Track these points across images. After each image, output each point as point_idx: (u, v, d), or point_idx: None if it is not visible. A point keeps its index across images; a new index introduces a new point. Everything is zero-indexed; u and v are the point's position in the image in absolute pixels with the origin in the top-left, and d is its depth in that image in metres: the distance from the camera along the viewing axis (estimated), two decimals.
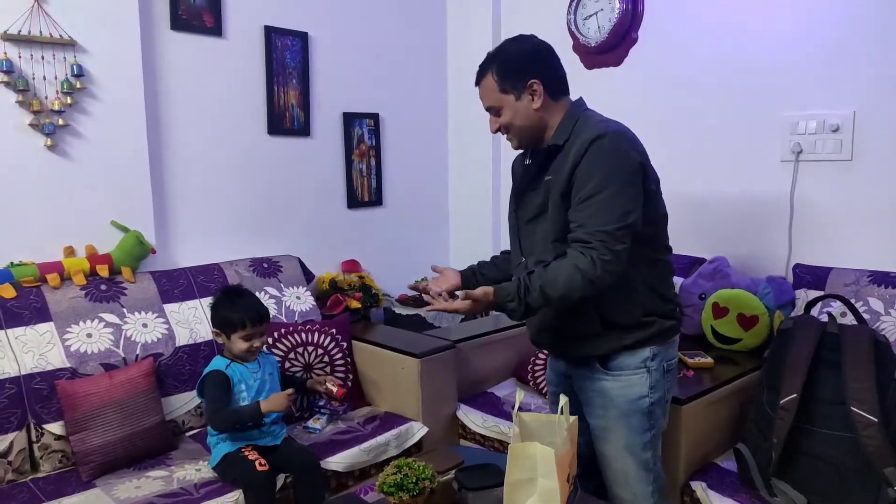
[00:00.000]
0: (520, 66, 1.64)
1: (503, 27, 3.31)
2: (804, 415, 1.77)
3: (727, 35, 2.57)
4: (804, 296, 2.27)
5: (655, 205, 1.64)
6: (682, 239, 2.70)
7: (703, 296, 2.47)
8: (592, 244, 1.50)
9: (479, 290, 1.56)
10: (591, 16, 2.90)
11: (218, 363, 2.05)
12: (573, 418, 1.60)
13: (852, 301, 2.03)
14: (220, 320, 2.05)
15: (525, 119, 1.66)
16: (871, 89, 2.25)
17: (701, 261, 2.61)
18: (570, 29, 2.98)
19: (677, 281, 2.55)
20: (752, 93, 2.52)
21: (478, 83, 1.71)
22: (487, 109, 1.71)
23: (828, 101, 2.34)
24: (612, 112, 2.84)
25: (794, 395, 1.77)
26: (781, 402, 1.79)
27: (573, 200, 1.56)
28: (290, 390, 2.01)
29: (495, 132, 1.74)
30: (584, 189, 1.53)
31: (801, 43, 2.39)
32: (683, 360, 2.22)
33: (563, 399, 1.57)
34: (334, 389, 2.17)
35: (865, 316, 2.03)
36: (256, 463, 1.91)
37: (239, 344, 2.02)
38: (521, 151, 1.81)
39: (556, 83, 1.68)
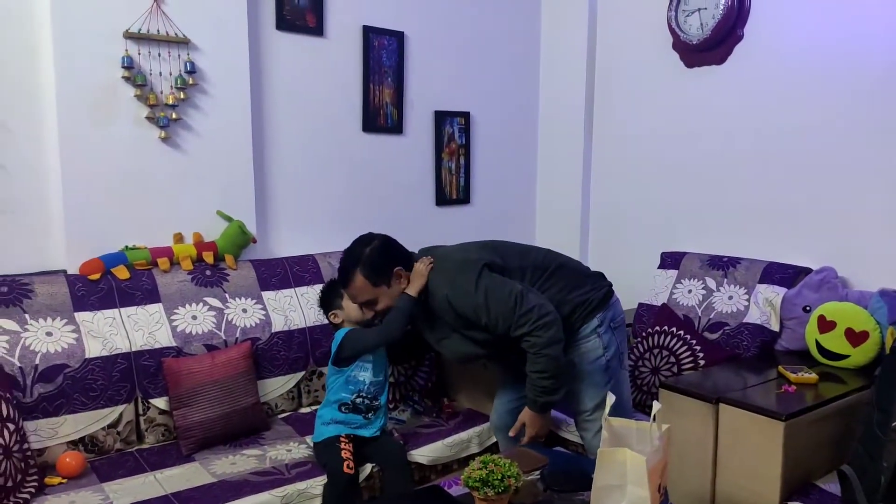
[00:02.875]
0: (382, 261, 1.96)
1: (599, 25, 3.25)
2: None
3: (843, 31, 2.42)
4: None
5: (518, 273, 1.97)
6: (787, 247, 2.58)
7: (808, 308, 2.34)
8: (525, 329, 1.84)
9: (526, 418, 1.96)
10: (693, 12, 2.81)
11: (344, 330, 2.10)
12: (666, 426, 1.55)
13: None
14: (334, 300, 2.15)
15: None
16: None
17: (807, 271, 2.47)
18: (670, 26, 2.90)
19: (780, 291, 2.43)
20: (869, 92, 2.36)
21: (346, 286, 2.01)
22: (361, 304, 2.02)
23: None
24: (714, 112, 2.81)
25: None
26: (894, 424, 1.67)
27: (484, 326, 1.90)
28: None
29: (372, 318, 2.06)
30: (482, 319, 1.88)
31: None
32: (785, 375, 2.11)
33: (657, 406, 1.53)
34: None
35: None
36: (345, 465, 1.93)
37: (354, 312, 2.09)
38: None
39: (408, 261, 2.00)
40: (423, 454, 2.16)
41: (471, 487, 1.54)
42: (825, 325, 2.25)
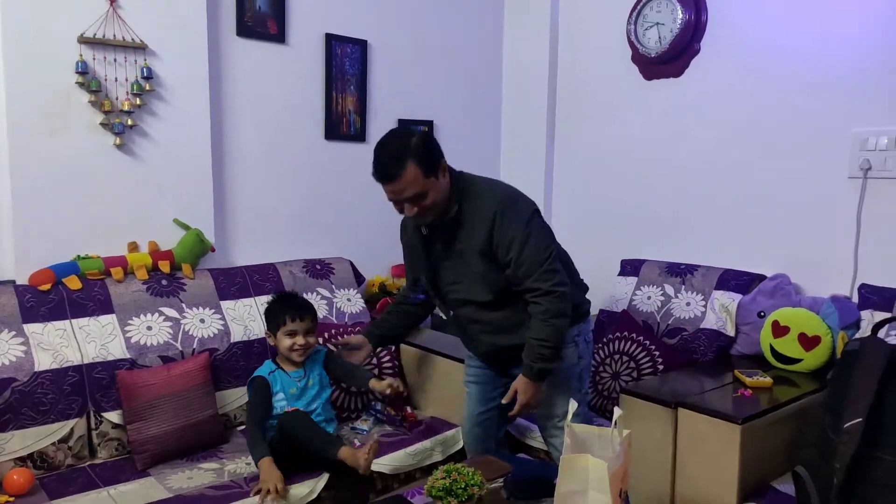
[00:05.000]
0: (431, 151, 1.85)
1: (561, 36, 3.30)
2: (869, 440, 1.69)
3: (794, 47, 2.50)
4: (870, 317, 2.18)
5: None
6: (742, 255, 2.65)
7: (763, 314, 2.39)
8: (542, 287, 1.82)
9: (519, 384, 1.90)
10: (651, 26, 2.87)
11: (264, 368, 2.13)
12: (627, 431, 1.57)
13: None
14: (267, 320, 2.14)
15: (443, 195, 1.89)
16: None
17: (761, 277, 2.53)
18: (629, 39, 2.95)
19: (736, 297, 2.49)
20: (819, 107, 2.44)
21: (393, 179, 1.82)
22: (408, 199, 1.84)
23: None
24: (672, 124, 2.86)
25: (860, 420, 1.69)
26: (845, 426, 1.71)
27: (506, 262, 1.85)
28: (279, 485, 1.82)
29: (414, 215, 1.89)
30: (511, 252, 1.83)
31: (873, 55, 2.30)
32: (741, 379, 2.16)
33: (618, 412, 1.55)
34: (406, 409, 2.25)
35: None
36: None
37: (284, 342, 2.09)
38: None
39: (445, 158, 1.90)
40: (385, 463, 2.13)
41: (434, 497, 1.53)
42: (779, 330, 2.31)
